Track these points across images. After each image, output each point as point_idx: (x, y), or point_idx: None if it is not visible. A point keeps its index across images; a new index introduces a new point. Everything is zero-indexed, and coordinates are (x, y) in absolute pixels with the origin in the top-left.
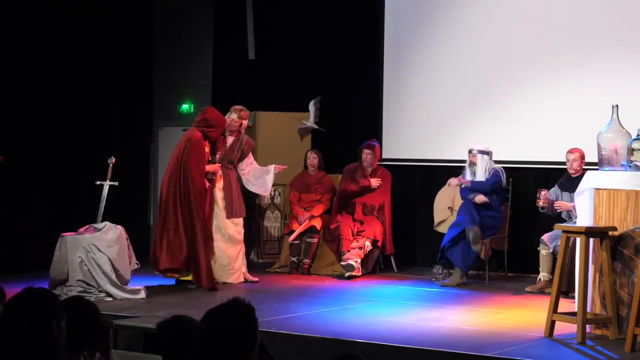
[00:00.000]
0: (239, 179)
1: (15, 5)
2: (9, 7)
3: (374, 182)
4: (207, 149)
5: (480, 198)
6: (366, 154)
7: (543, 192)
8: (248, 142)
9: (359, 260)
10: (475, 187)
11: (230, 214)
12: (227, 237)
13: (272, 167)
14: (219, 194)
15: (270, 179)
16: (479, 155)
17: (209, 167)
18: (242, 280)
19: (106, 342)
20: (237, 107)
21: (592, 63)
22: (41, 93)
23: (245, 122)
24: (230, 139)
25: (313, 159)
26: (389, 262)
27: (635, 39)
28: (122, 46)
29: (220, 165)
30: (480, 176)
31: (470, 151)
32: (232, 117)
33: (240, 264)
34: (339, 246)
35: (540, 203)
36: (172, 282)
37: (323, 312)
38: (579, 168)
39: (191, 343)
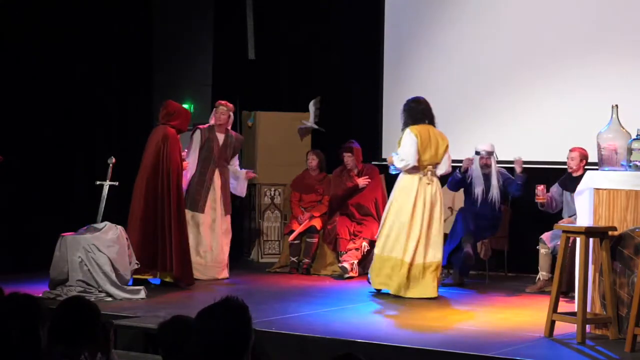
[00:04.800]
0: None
1: (14, 4)
2: (8, 6)
3: (361, 181)
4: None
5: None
6: (347, 158)
7: (540, 188)
8: (238, 138)
9: (355, 262)
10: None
11: (226, 211)
12: (222, 233)
13: (242, 173)
14: (217, 192)
15: (242, 184)
16: (492, 160)
17: (184, 164)
18: (227, 275)
19: (107, 342)
20: (221, 102)
21: (592, 63)
22: (40, 93)
23: (232, 115)
24: (221, 137)
25: (312, 160)
26: None
27: (635, 40)
28: (122, 46)
29: (187, 162)
30: (494, 180)
31: (489, 153)
32: (219, 110)
33: (227, 260)
34: (337, 246)
35: (540, 199)
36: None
37: (323, 312)
38: (576, 167)
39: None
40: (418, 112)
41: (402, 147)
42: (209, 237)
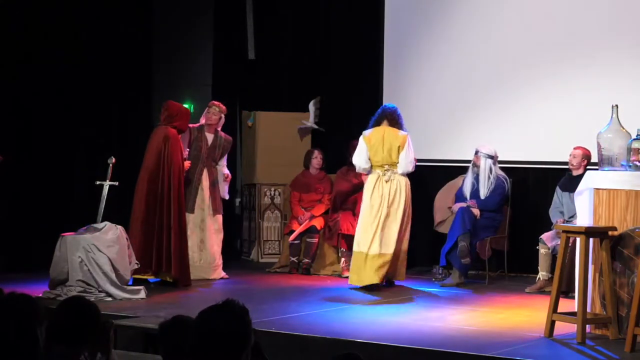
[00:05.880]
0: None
1: (14, 3)
2: (8, 6)
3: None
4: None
5: (476, 211)
6: None
7: (560, 220)
8: (227, 139)
9: None
10: (483, 207)
11: (215, 211)
12: (213, 233)
13: (222, 176)
14: (205, 191)
15: (222, 186)
16: (483, 159)
17: (186, 164)
18: (223, 275)
19: (107, 342)
20: (215, 102)
21: (592, 63)
22: (41, 93)
23: (223, 117)
24: (210, 137)
25: (320, 158)
26: None
27: (635, 40)
28: (122, 46)
29: (190, 162)
30: (483, 181)
31: (476, 152)
32: (211, 110)
33: (220, 260)
34: (339, 242)
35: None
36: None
37: (323, 312)
38: (577, 165)
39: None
40: (380, 117)
41: (355, 152)
42: (198, 238)
